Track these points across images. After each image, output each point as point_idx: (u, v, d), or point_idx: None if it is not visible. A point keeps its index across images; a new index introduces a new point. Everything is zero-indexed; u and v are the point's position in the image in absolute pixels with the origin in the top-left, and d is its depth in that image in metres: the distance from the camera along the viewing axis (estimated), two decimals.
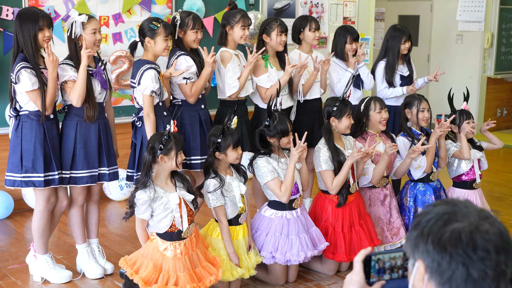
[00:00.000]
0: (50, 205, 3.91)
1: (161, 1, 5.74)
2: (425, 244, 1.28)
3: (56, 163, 3.81)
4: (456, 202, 1.33)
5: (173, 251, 3.41)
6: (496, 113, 9.46)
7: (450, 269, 1.24)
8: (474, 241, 1.23)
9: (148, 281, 3.34)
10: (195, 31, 4.26)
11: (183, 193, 3.44)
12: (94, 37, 3.84)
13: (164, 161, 3.38)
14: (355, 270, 1.48)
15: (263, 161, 3.82)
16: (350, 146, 4.16)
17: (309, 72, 4.83)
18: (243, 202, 3.73)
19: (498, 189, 6.21)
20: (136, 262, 3.44)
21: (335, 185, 3.97)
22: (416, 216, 1.34)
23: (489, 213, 1.31)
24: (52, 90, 3.73)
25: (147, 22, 4.06)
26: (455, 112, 4.57)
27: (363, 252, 1.49)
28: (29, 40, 3.66)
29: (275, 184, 3.79)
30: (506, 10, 9.19)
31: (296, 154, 3.76)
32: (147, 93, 3.93)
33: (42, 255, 3.94)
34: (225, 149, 3.60)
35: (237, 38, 4.44)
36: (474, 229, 1.25)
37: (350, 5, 7.21)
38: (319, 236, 3.96)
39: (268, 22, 4.64)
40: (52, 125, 3.84)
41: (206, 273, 3.47)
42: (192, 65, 4.22)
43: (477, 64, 9.09)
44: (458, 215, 1.28)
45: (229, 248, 3.66)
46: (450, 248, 1.24)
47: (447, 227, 1.26)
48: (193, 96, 4.26)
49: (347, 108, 4.02)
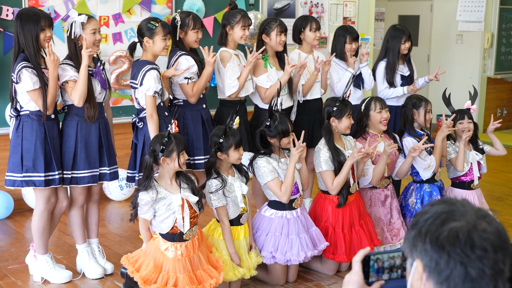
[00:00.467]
0: (50, 206, 3.91)
1: (161, 1, 5.74)
2: (423, 243, 1.28)
3: (56, 163, 3.81)
4: (453, 201, 1.33)
5: (173, 252, 3.41)
6: (496, 113, 9.46)
7: (448, 268, 1.24)
8: (472, 240, 1.23)
9: (148, 280, 3.34)
10: (196, 31, 4.26)
11: (187, 194, 3.44)
12: (94, 37, 3.84)
13: (167, 163, 3.37)
14: (354, 270, 1.48)
15: (263, 161, 3.82)
16: (350, 147, 4.15)
17: (310, 72, 4.83)
18: (245, 203, 3.73)
19: (498, 189, 6.21)
20: (138, 260, 3.44)
21: (335, 185, 3.97)
22: (414, 215, 1.34)
23: (487, 212, 1.31)
24: (53, 90, 3.73)
25: (145, 22, 4.05)
26: (455, 111, 4.57)
27: (362, 252, 1.49)
28: (31, 40, 3.67)
29: (275, 184, 3.79)
30: (506, 10, 9.18)
31: (296, 154, 3.76)
32: (150, 93, 3.93)
33: (42, 255, 3.94)
34: (227, 149, 3.60)
35: (237, 38, 4.44)
36: (472, 228, 1.25)
37: (350, 5, 7.21)
38: (319, 236, 3.96)
39: (267, 22, 4.64)
40: (53, 125, 3.85)
41: (207, 276, 3.47)
42: (194, 65, 4.22)
43: (477, 64, 9.09)
44: (456, 214, 1.29)
45: (230, 249, 3.66)
46: (448, 247, 1.24)
47: (445, 226, 1.27)
48: (194, 96, 4.26)
49: (347, 108, 4.02)
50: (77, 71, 3.80)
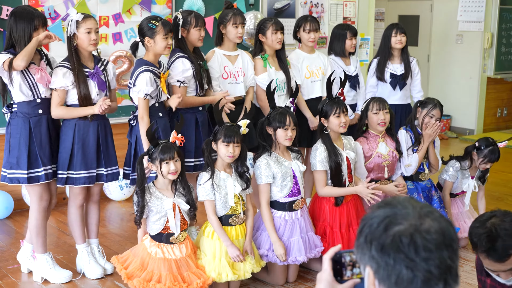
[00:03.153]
0: (44, 203, 3.89)
1: (161, 1, 5.74)
2: (370, 250, 1.29)
3: (43, 159, 3.78)
4: (395, 203, 1.33)
5: (160, 252, 3.50)
6: (496, 113, 9.45)
7: (396, 273, 1.25)
8: (415, 243, 1.24)
9: (132, 276, 3.44)
10: (198, 29, 4.24)
11: (179, 201, 3.52)
12: (89, 36, 3.78)
13: (152, 168, 3.48)
14: (323, 268, 1.48)
15: (264, 163, 3.80)
16: (349, 146, 4.15)
17: (309, 71, 4.85)
18: (238, 204, 3.70)
19: (498, 189, 6.20)
20: (127, 260, 3.55)
21: (326, 192, 3.99)
22: (361, 220, 1.35)
23: (431, 209, 1.31)
24: (30, 47, 3.59)
25: (146, 21, 4.03)
26: (487, 147, 4.36)
27: (332, 250, 1.48)
28: (23, 38, 3.65)
29: (265, 190, 3.82)
30: (506, 10, 9.18)
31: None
32: (141, 95, 3.92)
33: (41, 254, 3.94)
34: (217, 139, 3.63)
35: (231, 36, 4.43)
36: (414, 231, 1.25)
37: (350, 5, 7.21)
38: (315, 241, 3.95)
39: (262, 21, 4.67)
40: (40, 121, 3.80)
41: (194, 277, 3.51)
42: (188, 69, 4.19)
43: (477, 64, 9.08)
44: (398, 217, 1.29)
45: (225, 241, 3.62)
46: (393, 254, 1.25)
47: (388, 232, 1.27)
48: (183, 104, 4.21)
49: (333, 107, 3.98)
50: (73, 73, 3.77)
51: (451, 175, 4.46)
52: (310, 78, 4.88)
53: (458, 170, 4.46)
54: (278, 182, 3.83)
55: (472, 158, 4.44)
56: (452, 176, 4.46)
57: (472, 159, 4.44)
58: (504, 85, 9.42)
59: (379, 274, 1.28)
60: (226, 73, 4.43)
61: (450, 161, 4.50)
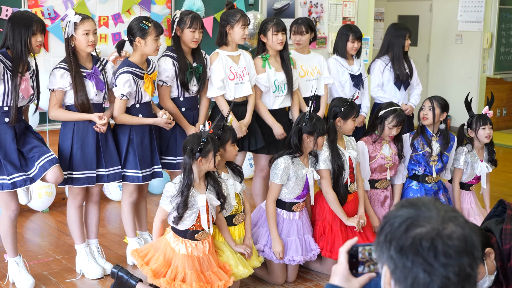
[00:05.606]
0: (10, 212, 3.74)
1: (161, 1, 5.74)
2: (388, 250, 1.27)
3: (7, 168, 3.60)
4: (420, 204, 1.30)
5: (184, 248, 3.43)
6: (496, 113, 9.46)
7: (413, 275, 1.23)
8: (435, 248, 1.22)
9: (158, 273, 3.37)
10: (192, 30, 4.18)
11: (211, 196, 3.45)
12: (87, 38, 3.77)
13: (202, 163, 3.38)
14: (339, 261, 1.46)
15: (283, 163, 3.80)
16: (351, 147, 4.15)
17: (304, 70, 4.83)
18: (238, 202, 3.72)
19: (498, 189, 6.20)
20: (148, 254, 3.47)
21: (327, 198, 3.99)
22: (383, 217, 1.32)
23: (456, 214, 1.28)
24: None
25: (137, 21, 3.97)
26: (473, 116, 4.50)
27: (349, 243, 1.47)
28: (19, 43, 3.59)
29: (276, 189, 3.81)
30: (506, 10, 9.19)
31: None
32: (117, 95, 3.92)
33: (11, 257, 3.86)
34: (224, 143, 3.60)
35: (237, 37, 4.39)
36: (436, 235, 1.23)
37: (349, 5, 7.21)
38: (311, 245, 3.96)
39: (264, 22, 4.63)
40: (4, 130, 3.65)
41: (216, 278, 3.47)
42: (169, 69, 4.15)
43: (476, 64, 9.09)
44: (421, 219, 1.26)
45: (231, 242, 3.68)
46: (411, 256, 1.23)
47: (409, 233, 1.25)
48: (163, 105, 4.19)
49: (353, 111, 4.04)
50: (70, 74, 3.76)
51: (463, 162, 4.48)
52: (305, 76, 4.87)
53: (468, 152, 4.47)
54: (290, 186, 3.86)
55: (470, 137, 4.49)
56: (464, 163, 4.48)
57: (471, 137, 4.49)
58: (504, 85, 9.42)
59: (395, 274, 1.26)
60: (232, 74, 4.39)
61: (458, 149, 4.51)
